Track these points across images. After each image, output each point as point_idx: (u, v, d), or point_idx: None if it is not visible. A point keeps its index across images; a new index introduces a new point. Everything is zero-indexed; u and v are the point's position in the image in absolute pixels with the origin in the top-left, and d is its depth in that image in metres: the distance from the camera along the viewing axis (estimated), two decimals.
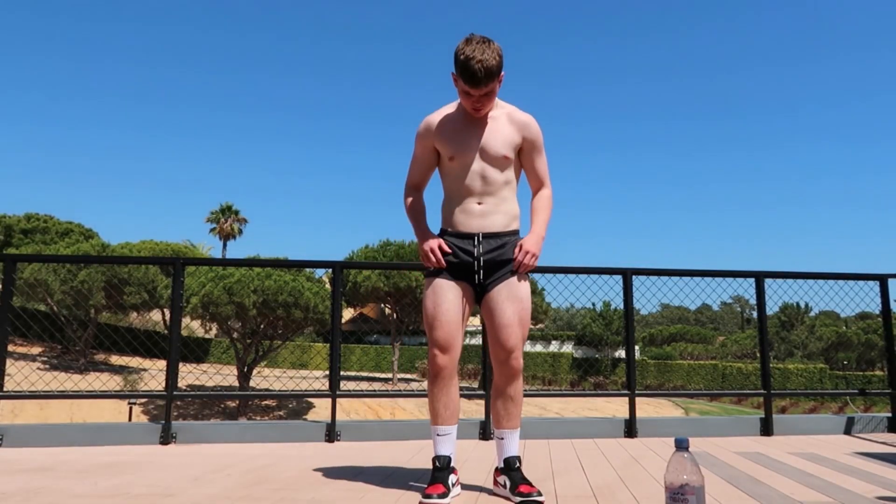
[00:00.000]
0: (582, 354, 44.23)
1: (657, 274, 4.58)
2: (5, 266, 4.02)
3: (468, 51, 2.38)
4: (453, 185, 2.60)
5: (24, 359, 27.66)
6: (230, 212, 55.49)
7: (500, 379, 2.57)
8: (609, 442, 4.07)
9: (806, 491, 2.63)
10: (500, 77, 2.45)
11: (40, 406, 22.82)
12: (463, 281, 2.56)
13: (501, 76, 2.46)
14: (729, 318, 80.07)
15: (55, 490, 2.59)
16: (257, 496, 2.50)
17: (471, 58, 2.36)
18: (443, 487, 2.38)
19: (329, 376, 4.20)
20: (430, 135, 2.61)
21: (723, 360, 42.88)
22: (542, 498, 2.38)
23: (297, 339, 35.73)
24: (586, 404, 31.06)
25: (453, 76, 2.47)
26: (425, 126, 2.63)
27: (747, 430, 4.42)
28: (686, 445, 1.99)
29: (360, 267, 8.72)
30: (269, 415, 27.91)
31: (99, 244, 30.86)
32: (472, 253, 2.54)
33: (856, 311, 5.34)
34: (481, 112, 2.52)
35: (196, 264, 8.38)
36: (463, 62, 2.38)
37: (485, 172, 2.54)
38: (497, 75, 2.42)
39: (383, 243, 34.98)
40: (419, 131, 2.64)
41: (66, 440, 3.83)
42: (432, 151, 2.64)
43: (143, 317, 34.40)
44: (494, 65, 2.38)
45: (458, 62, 2.40)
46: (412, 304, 31.35)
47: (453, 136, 2.56)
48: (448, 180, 2.62)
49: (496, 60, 2.38)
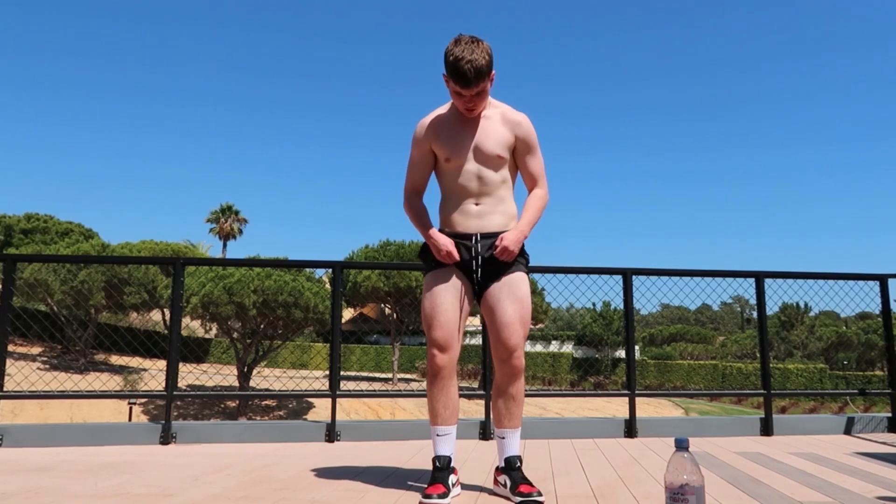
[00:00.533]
0: (582, 354, 44.22)
1: (657, 274, 4.58)
2: (5, 266, 4.03)
3: (457, 52, 2.37)
4: (450, 186, 2.60)
5: (24, 359, 27.66)
6: (230, 212, 55.52)
7: (502, 378, 2.57)
8: (609, 442, 4.07)
9: (806, 491, 2.63)
10: (490, 76, 2.45)
11: (40, 406, 22.83)
12: (462, 280, 2.57)
13: (492, 75, 2.47)
14: (729, 318, 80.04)
15: (55, 490, 2.59)
16: (257, 496, 2.50)
17: (460, 58, 2.35)
18: (443, 487, 2.38)
19: (329, 376, 4.20)
20: (425, 138, 2.62)
21: (723, 360, 42.87)
22: (543, 498, 2.38)
23: (297, 339, 35.76)
24: (586, 404, 31.09)
25: (444, 77, 2.47)
26: (420, 129, 2.63)
27: (747, 430, 4.42)
28: (686, 445, 1.99)
29: (360, 267, 8.70)
30: (269, 415, 27.91)
31: (99, 244, 30.87)
32: (471, 252, 2.54)
33: (856, 311, 5.34)
34: (474, 112, 2.52)
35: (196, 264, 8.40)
36: (452, 63, 2.37)
37: (480, 173, 2.55)
38: (487, 75, 2.41)
39: (383, 243, 34.99)
40: (415, 135, 2.64)
41: (66, 440, 3.83)
42: (429, 154, 2.64)
43: (143, 317, 34.41)
44: (484, 64, 2.37)
45: (448, 63, 2.39)
46: (412, 304, 31.36)
47: (448, 137, 2.57)
48: (445, 181, 2.63)
49: (485, 60, 2.37)
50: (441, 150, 2.58)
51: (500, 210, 2.58)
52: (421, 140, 2.62)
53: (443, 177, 2.63)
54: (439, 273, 2.56)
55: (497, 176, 2.57)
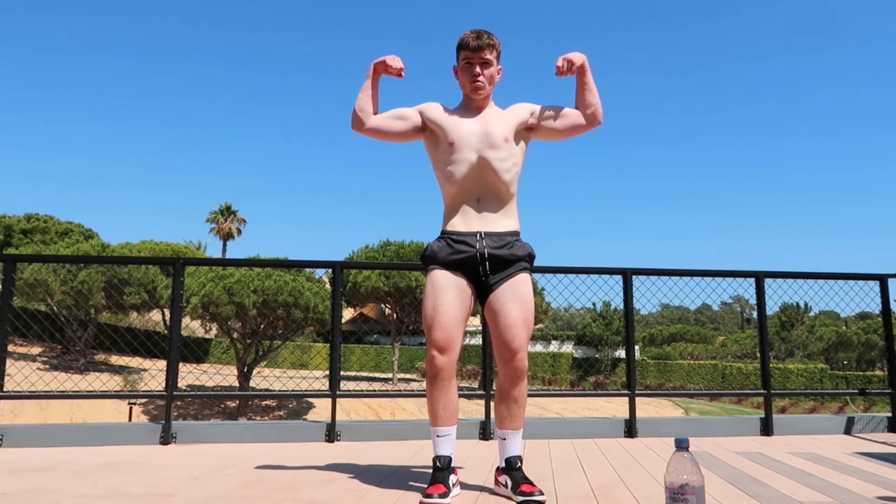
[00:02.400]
0: (582, 354, 44.23)
1: (657, 274, 4.58)
2: (5, 266, 4.02)
3: (468, 31, 2.62)
4: (452, 186, 2.59)
5: (24, 359, 27.66)
6: (230, 212, 55.57)
7: (505, 380, 2.56)
8: (609, 442, 4.07)
9: (806, 491, 2.63)
10: (498, 54, 2.63)
11: (40, 406, 22.83)
12: (464, 278, 2.56)
13: (500, 69, 2.66)
14: (729, 318, 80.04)
15: (55, 490, 2.59)
16: (257, 496, 2.50)
17: (472, 30, 2.61)
18: (443, 487, 2.38)
19: (329, 376, 4.20)
20: (429, 113, 2.67)
21: (723, 360, 42.86)
22: (544, 497, 2.38)
23: (297, 340, 35.73)
24: (586, 404, 31.06)
25: (454, 69, 2.62)
26: (429, 104, 2.70)
27: (747, 430, 4.42)
28: (686, 445, 1.99)
29: (360, 267, 8.71)
30: (269, 415, 27.90)
31: (99, 244, 30.88)
32: (475, 247, 2.54)
33: (856, 311, 5.34)
34: (480, 90, 2.60)
35: (196, 264, 8.39)
36: (464, 34, 2.61)
37: (483, 171, 2.55)
38: (496, 47, 2.62)
39: (383, 243, 34.98)
40: (420, 104, 2.72)
41: (66, 440, 3.83)
42: (417, 123, 2.68)
43: (143, 317, 34.40)
44: (494, 37, 2.61)
45: (461, 38, 2.61)
46: (412, 304, 31.34)
47: (455, 122, 2.63)
48: (446, 182, 2.61)
49: (495, 38, 2.61)
50: (445, 133, 2.60)
51: (502, 212, 2.59)
52: (424, 109, 2.68)
53: (445, 177, 2.61)
54: (441, 274, 2.55)
55: (501, 177, 2.57)
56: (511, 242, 2.57)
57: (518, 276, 2.56)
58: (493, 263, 2.54)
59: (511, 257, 2.56)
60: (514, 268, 2.56)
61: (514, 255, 2.56)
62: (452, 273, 2.55)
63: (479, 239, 2.54)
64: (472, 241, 2.54)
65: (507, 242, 2.56)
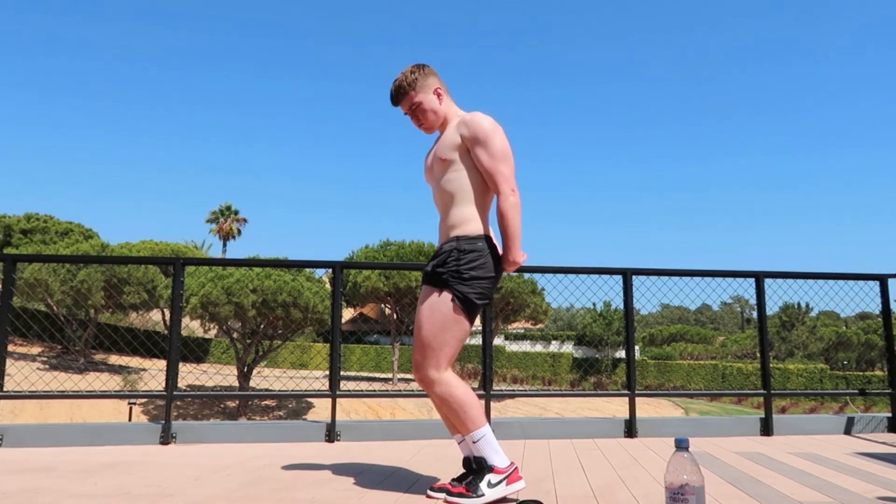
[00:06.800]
0: (582, 354, 44.25)
1: (657, 274, 4.58)
2: (5, 266, 4.03)
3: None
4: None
5: (23, 359, 27.69)
6: (230, 212, 55.60)
7: None
8: (609, 442, 4.07)
9: (806, 491, 2.63)
10: (415, 91, 2.55)
11: (40, 406, 22.84)
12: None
13: (430, 97, 2.57)
14: (729, 318, 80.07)
15: (55, 490, 2.59)
16: (257, 496, 2.50)
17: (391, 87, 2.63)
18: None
19: (329, 376, 4.20)
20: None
21: (723, 360, 42.87)
22: (456, 499, 2.33)
23: (296, 339, 35.76)
24: (586, 404, 31.08)
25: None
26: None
27: (747, 430, 4.42)
28: (686, 445, 1.99)
29: (360, 267, 8.68)
30: (269, 415, 27.91)
31: (99, 244, 30.85)
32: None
33: (856, 311, 5.35)
34: (421, 127, 2.64)
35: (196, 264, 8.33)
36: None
37: (438, 184, 2.56)
38: (405, 95, 2.57)
39: (383, 243, 34.97)
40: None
41: (66, 440, 3.83)
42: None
43: (143, 317, 34.42)
44: (401, 85, 2.57)
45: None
46: (412, 304, 31.31)
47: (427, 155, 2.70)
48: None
49: (404, 80, 2.57)
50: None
51: (448, 221, 2.51)
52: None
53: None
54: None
55: (448, 186, 2.50)
56: (442, 251, 2.49)
57: (431, 297, 2.46)
58: (426, 282, 2.53)
59: (431, 271, 2.50)
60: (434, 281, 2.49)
61: (434, 268, 2.48)
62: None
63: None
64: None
65: (440, 252, 2.50)
